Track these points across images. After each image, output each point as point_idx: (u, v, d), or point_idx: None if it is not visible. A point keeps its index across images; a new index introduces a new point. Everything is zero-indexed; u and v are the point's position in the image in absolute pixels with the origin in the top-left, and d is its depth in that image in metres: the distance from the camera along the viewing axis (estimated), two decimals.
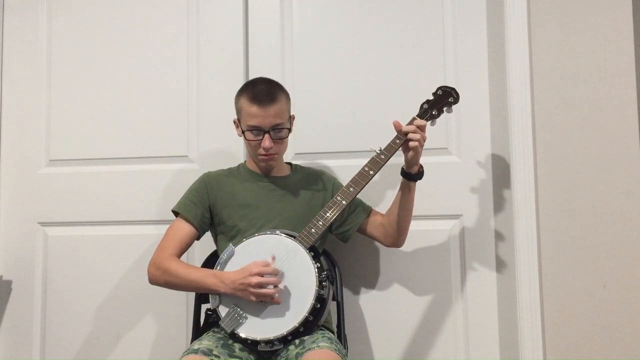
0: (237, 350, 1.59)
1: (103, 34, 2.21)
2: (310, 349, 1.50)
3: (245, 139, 1.75)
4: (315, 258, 1.62)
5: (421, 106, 1.75)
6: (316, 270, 1.59)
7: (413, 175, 1.71)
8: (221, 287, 1.60)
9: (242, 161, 1.97)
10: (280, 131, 1.73)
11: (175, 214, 1.79)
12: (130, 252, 2.12)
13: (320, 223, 1.66)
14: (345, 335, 1.79)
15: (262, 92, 1.70)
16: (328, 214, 1.67)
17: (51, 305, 2.16)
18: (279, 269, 1.59)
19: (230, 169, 1.89)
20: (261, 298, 1.57)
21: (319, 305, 1.59)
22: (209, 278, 1.62)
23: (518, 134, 1.90)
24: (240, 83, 1.84)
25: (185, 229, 1.75)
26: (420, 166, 1.72)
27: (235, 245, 1.66)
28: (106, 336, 2.12)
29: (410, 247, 1.99)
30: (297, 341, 1.57)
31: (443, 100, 1.74)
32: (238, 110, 1.77)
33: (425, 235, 2.00)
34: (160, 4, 2.18)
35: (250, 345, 1.59)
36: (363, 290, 2.03)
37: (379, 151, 1.70)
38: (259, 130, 1.71)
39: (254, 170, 1.84)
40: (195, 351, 1.52)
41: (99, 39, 2.21)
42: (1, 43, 2.26)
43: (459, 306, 1.99)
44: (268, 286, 1.56)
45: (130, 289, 2.11)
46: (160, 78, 2.16)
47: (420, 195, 1.77)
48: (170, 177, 2.12)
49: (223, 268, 1.64)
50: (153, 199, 2.12)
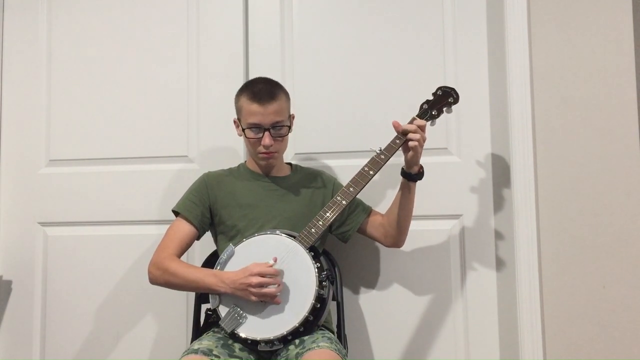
0: (237, 350, 1.59)
1: (103, 34, 2.21)
2: (310, 349, 1.50)
3: (246, 137, 1.75)
4: (315, 258, 1.62)
5: (421, 106, 1.75)
6: (316, 270, 1.59)
7: (413, 175, 1.71)
8: (221, 287, 1.60)
9: (243, 161, 1.97)
10: (280, 129, 1.73)
11: (176, 213, 1.79)
12: (130, 252, 2.12)
13: (320, 223, 1.66)
14: (345, 335, 1.79)
15: (262, 90, 1.70)
16: (328, 214, 1.67)
17: (51, 305, 2.16)
18: (280, 269, 1.59)
19: (230, 169, 1.89)
20: (261, 298, 1.57)
21: (319, 305, 1.59)
22: (209, 278, 1.62)
23: (518, 134, 1.90)
24: (240, 83, 1.84)
25: (185, 228, 1.75)
26: (421, 166, 1.72)
27: (235, 245, 1.67)
28: (106, 336, 2.12)
29: (410, 247, 1.99)
30: (297, 341, 1.57)
31: (443, 100, 1.74)
32: (238, 110, 1.77)
33: (425, 235, 2.00)
34: (161, 4, 2.18)
35: (250, 345, 1.59)
36: (363, 290, 2.03)
37: (379, 151, 1.70)
38: (259, 128, 1.71)
39: (254, 170, 1.84)
40: (195, 351, 1.52)
41: (99, 39, 2.21)
42: (1, 43, 2.26)
43: (459, 306, 1.99)
44: (268, 286, 1.56)
45: (130, 289, 2.11)
46: (160, 78, 2.16)
47: (420, 195, 1.77)
48: (170, 177, 2.12)
49: (223, 268, 1.64)
50: (153, 199, 2.12)
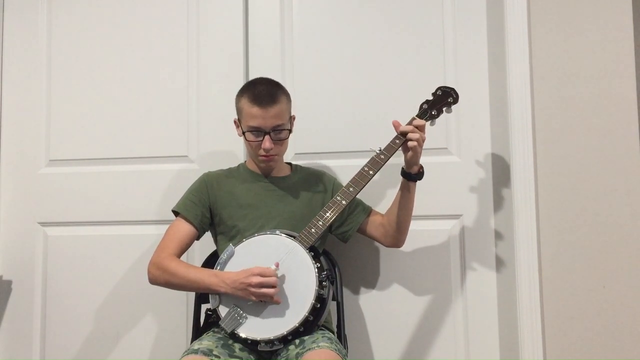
0: (237, 350, 1.59)
1: (103, 34, 2.21)
2: (310, 349, 1.50)
3: (246, 140, 1.75)
4: (315, 258, 1.62)
5: (421, 106, 1.75)
6: (316, 270, 1.59)
7: (413, 175, 1.71)
8: (222, 287, 1.59)
9: (242, 161, 1.97)
10: (280, 132, 1.72)
11: (175, 213, 1.79)
12: (130, 252, 2.12)
13: (320, 223, 1.66)
14: (345, 335, 1.79)
15: (263, 93, 1.69)
16: (328, 214, 1.67)
17: (51, 305, 2.17)
18: (279, 268, 1.59)
19: (230, 169, 1.89)
20: (261, 298, 1.57)
21: (319, 305, 1.59)
22: (209, 278, 1.62)
23: (518, 134, 1.90)
24: (240, 83, 1.84)
25: (185, 228, 1.75)
26: (421, 166, 1.72)
27: (235, 245, 1.66)
28: (106, 336, 2.12)
29: (410, 247, 1.99)
30: (297, 341, 1.57)
31: (442, 100, 1.74)
32: (238, 111, 1.77)
33: (425, 235, 2.00)
34: (161, 4, 2.18)
35: (250, 345, 1.59)
36: (363, 290, 2.03)
37: (378, 151, 1.70)
38: (259, 131, 1.71)
39: (254, 170, 1.84)
40: (195, 351, 1.52)
41: (99, 39, 2.21)
42: (1, 43, 2.26)
43: (459, 306, 1.99)
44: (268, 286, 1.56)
45: (130, 289, 2.11)
46: (161, 78, 2.16)
47: (420, 195, 1.77)
48: (170, 177, 2.12)
49: (223, 268, 1.64)
50: (153, 199, 2.12)
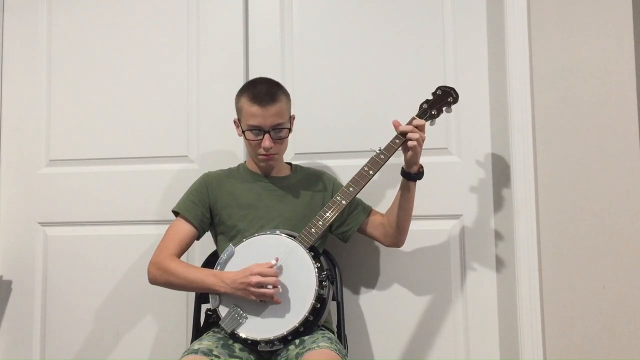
0: (237, 350, 1.59)
1: (103, 34, 2.21)
2: (310, 349, 1.50)
3: (246, 139, 1.75)
4: (315, 258, 1.62)
5: (420, 106, 1.75)
6: (316, 270, 1.59)
7: (413, 175, 1.71)
8: (221, 287, 1.60)
9: (242, 161, 1.97)
10: (280, 131, 1.73)
11: (175, 214, 1.79)
12: (130, 252, 2.12)
13: (320, 223, 1.66)
14: (345, 335, 1.79)
15: (263, 92, 1.69)
16: (328, 214, 1.67)
17: (51, 305, 2.16)
18: (279, 267, 1.59)
19: (230, 169, 1.89)
20: (261, 297, 1.57)
21: (319, 305, 1.59)
22: (209, 277, 1.62)
23: (518, 134, 1.90)
24: (240, 83, 1.84)
25: (185, 229, 1.75)
26: (420, 166, 1.72)
27: (235, 245, 1.66)
28: (106, 336, 2.12)
29: (410, 247, 1.99)
30: (297, 341, 1.57)
31: (442, 100, 1.74)
32: (238, 110, 1.77)
33: (425, 235, 2.00)
34: (161, 4, 2.18)
35: (250, 345, 1.59)
36: (363, 290, 2.03)
37: (378, 151, 1.70)
38: (259, 130, 1.71)
39: (254, 170, 1.84)
40: (195, 351, 1.52)
41: (99, 39, 2.21)
42: (1, 43, 2.26)
43: (459, 306, 1.99)
44: (268, 286, 1.56)
45: (130, 289, 2.11)
46: (161, 78, 2.16)
47: (420, 195, 1.77)
48: (170, 177, 2.12)
49: (223, 268, 1.64)
50: (153, 199, 2.12)
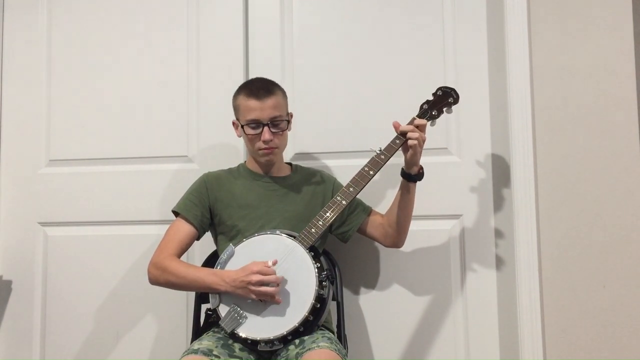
0: (237, 350, 1.59)
1: (103, 34, 2.21)
2: (310, 349, 1.50)
3: (245, 134, 1.75)
4: (315, 258, 1.62)
5: (421, 106, 1.75)
6: (316, 270, 1.59)
7: (413, 176, 1.71)
8: (222, 286, 1.60)
9: (242, 161, 1.97)
10: (279, 123, 1.74)
11: (175, 214, 1.79)
12: (130, 252, 2.12)
13: (320, 223, 1.66)
14: (345, 335, 1.79)
15: (259, 86, 1.74)
16: (328, 214, 1.67)
17: (51, 305, 2.16)
18: (279, 267, 1.60)
19: (230, 169, 1.89)
20: (261, 296, 1.57)
21: (319, 305, 1.59)
22: (209, 277, 1.62)
23: (518, 134, 1.90)
24: (241, 83, 1.84)
25: (185, 229, 1.75)
26: (421, 167, 1.72)
27: (235, 245, 1.67)
28: (106, 336, 2.12)
29: (410, 247, 1.99)
30: (297, 341, 1.57)
31: (443, 100, 1.74)
32: (236, 109, 1.78)
33: (425, 235, 2.00)
34: (161, 4, 2.18)
35: (250, 345, 1.59)
36: (363, 290, 2.03)
37: (379, 151, 1.70)
38: (258, 123, 1.72)
39: (254, 170, 1.84)
40: (195, 351, 1.52)
41: (99, 39, 2.21)
42: (1, 43, 2.26)
43: (459, 306, 1.99)
44: (269, 284, 1.56)
45: (130, 289, 2.11)
46: (161, 78, 2.16)
47: (420, 195, 1.77)
48: (170, 177, 2.12)
49: (223, 268, 1.64)
50: (153, 199, 2.12)
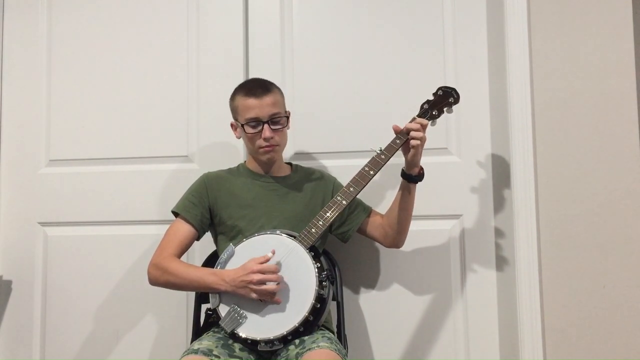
0: (237, 350, 1.59)
1: (103, 34, 2.21)
2: (310, 349, 1.50)
3: (245, 134, 1.76)
4: (316, 258, 1.62)
5: (421, 106, 1.75)
6: (316, 270, 1.59)
7: (413, 177, 1.71)
8: (222, 285, 1.60)
9: (242, 161, 1.97)
10: (278, 121, 1.74)
11: (175, 214, 1.79)
12: (130, 252, 2.12)
13: (320, 223, 1.66)
14: (345, 335, 1.79)
15: (256, 85, 1.75)
16: (328, 214, 1.67)
17: (51, 305, 2.16)
18: (279, 267, 1.60)
19: (230, 169, 1.89)
20: (262, 295, 1.57)
21: (319, 305, 1.59)
22: (209, 276, 1.63)
23: (518, 134, 1.90)
24: (240, 83, 1.84)
25: (185, 229, 1.75)
26: (421, 168, 1.72)
27: (235, 245, 1.67)
28: (106, 336, 2.12)
29: (410, 247, 1.99)
30: (297, 341, 1.57)
31: (443, 100, 1.74)
32: (234, 110, 1.78)
33: (425, 235, 2.00)
34: (161, 5, 2.18)
35: (250, 345, 1.59)
36: (363, 290, 2.03)
37: (379, 151, 1.70)
38: (257, 121, 1.72)
39: (254, 170, 1.84)
40: (195, 351, 1.52)
41: (99, 39, 2.21)
42: (1, 43, 2.26)
43: (459, 306, 1.99)
44: (269, 283, 1.56)
45: (130, 289, 2.11)
46: (161, 78, 2.16)
47: (420, 195, 1.77)
48: (170, 177, 2.12)
49: (223, 268, 1.64)
50: (153, 199, 2.12)
